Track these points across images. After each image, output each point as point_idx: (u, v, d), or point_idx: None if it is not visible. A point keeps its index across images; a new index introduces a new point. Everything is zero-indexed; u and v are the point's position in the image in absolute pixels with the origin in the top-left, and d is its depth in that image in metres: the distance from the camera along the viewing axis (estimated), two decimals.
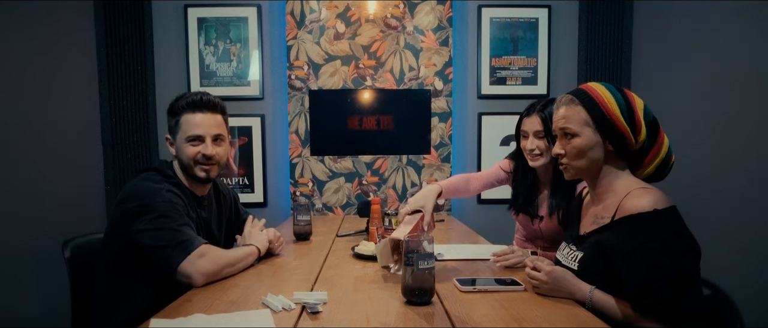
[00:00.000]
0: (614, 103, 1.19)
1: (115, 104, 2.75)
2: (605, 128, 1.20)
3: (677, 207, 1.13)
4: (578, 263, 1.22)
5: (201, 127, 1.50)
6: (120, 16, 2.72)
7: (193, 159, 1.51)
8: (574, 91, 1.25)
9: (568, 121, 1.23)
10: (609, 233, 1.17)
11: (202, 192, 1.60)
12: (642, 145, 1.22)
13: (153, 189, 1.40)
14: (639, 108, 1.21)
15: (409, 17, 2.85)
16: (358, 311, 1.12)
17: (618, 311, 1.12)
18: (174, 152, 1.55)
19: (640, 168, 1.25)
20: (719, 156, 2.32)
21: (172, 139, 1.55)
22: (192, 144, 1.50)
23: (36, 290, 2.40)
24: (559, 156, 1.28)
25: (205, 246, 1.36)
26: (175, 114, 1.52)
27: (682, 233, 1.11)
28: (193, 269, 1.30)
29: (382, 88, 2.88)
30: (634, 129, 1.19)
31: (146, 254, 1.34)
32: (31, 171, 2.40)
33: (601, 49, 2.87)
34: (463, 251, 1.75)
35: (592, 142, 1.21)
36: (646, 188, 1.18)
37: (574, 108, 1.22)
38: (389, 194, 2.89)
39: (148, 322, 1.03)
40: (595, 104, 1.20)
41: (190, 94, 1.53)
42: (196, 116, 1.50)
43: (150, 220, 1.34)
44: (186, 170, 1.53)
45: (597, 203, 1.28)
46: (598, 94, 1.21)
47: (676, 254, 1.07)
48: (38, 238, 2.39)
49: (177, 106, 1.51)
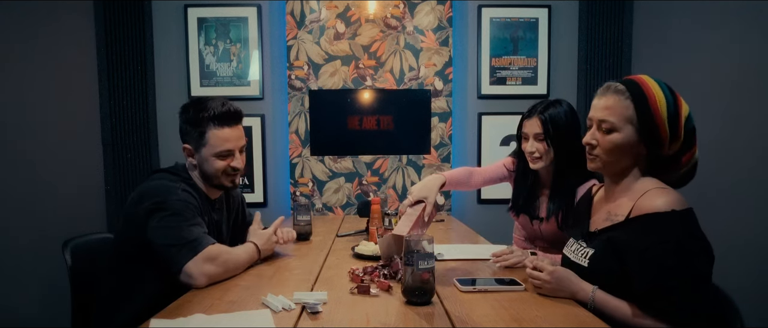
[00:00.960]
0: (664, 106, 1.12)
1: (115, 104, 2.75)
2: (647, 130, 1.14)
3: None
4: (589, 259, 1.20)
5: (230, 142, 1.49)
6: (120, 16, 2.72)
7: (222, 171, 1.50)
8: (626, 81, 1.17)
9: (612, 113, 1.15)
10: (622, 231, 1.15)
11: (216, 195, 1.60)
12: (675, 152, 1.17)
13: (168, 187, 1.40)
14: (684, 115, 1.14)
15: (409, 17, 2.85)
16: (358, 311, 1.12)
17: (621, 311, 1.12)
18: (194, 162, 1.51)
19: (666, 173, 1.20)
20: (719, 156, 2.32)
21: (194, 150, 1.50)
22: (221, 158, 1.49)
23: (36, 290, 2.41)
24: (591, 146, 1.21)
25: (215, 248, 1.36)
26: (198, 125, 1.47)
27: (697, 235, 1.09)
28: (198, 271, 1.30)
29: (382, 88, 2.88)
30: (674, 136, 1.14)
31: (155, 251, 1.34)
32: (30, 171, 2.40)
33: (601, 49, 2.87)
34: (463, 251, 1.75)
35: (631, 141, 1.15)
36: (664, 188, 1.15)
37: (623, 101, 1.14)
38: (389, 194, 2.89)
39: (148, 322, 1.03)
40: (646, 104, 1.12)
41: (211, 103, 1.47)
42: (225, 131, 1.47)
43: (162, 217, 1.34)
44: (209, 179, 1.52)
45: (611, 201, 1.25)
46: (651, 91, 1.13)
47: (689, 255, 1.05)
48: (38, 238, 2.40)
49: (200, 118, 1.46)
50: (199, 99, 1.52)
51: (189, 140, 1.51)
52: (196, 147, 1.49)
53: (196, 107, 1.48)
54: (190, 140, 1.50)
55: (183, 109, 1.52)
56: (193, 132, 1.48)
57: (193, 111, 1.48)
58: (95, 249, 1.65)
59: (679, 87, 2.49)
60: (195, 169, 1.53)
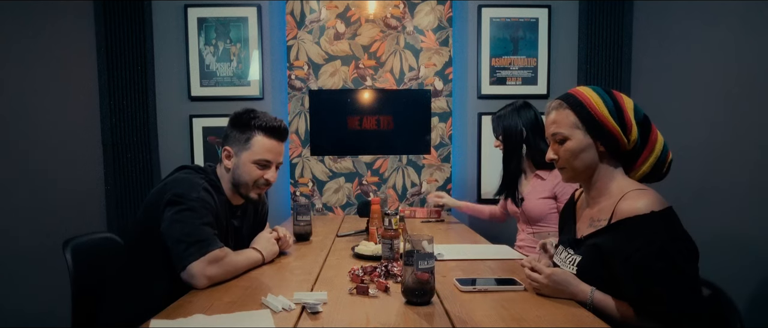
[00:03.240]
0: (602, 104, 1.21)
1: (115, 104, 2.75)
2: (595, 129, 1.21)
3: (674, 207, 1.13)
4: (577, 266, 1.22)
5: (272, 153, 1.54)
6: (120, 16, 2.72)
7: (255, 181, 1.53)
8: (562, 95, 1.28)
9: (558, 126, 1.25)
10: (606, 236, 1.17)
11: (238, 202, 1.61)
12: (634, 145, 1.22)
13: (192, 183, 1.42)
14: (628, 107, 1.22)
15: (409, 17, 2.85)
16: (358, 311, 1.12)
17: (619, 311, 1.12)
18: (230, 165, 1.54)
19: (635, 168, 1.25)
20: (719, 156, 2.32)
21: (233, 153, 1.54)
22: (259, 167, 1.53)
23: (36, 290, 2.41)
24: (554, 161, 1.29)
25: (221, 251, 1.36)
26: (246, 130, 1.52)
27: (680, 235, 1.11)
28: (201, 272, 1.30)
29: (382, 88, 2.88)
30: (625, 128, 1.20)
31: (167, 245, 1.35)
32: (31, 171, 2.40)
33: (601, 49, 2.87)
34: (463, 251, 1.75)
35: (584, 144, 1.23)
36: (642, 190, 1.18)
37: (563, 112, 1.24)
38: (389, 194, 2.90)
39: (148, 322, 1.03)
40: (583, 106, 1.22)
41: (264, 114, 1.55)
42: (271, 142, 1.54)
43: (178, 210, 1.35)
44: (239, 186, 1.54)
45: (592, 206, 1.29)
46: (585, 96, 1.23)
47: (674, 256, 1.07)
48: (38, 238, 2.40)
49: (250, 124, 1.52)
50: (250, 109, 1.57)
51: (232, 143, 1.55)
52: (238, 151, 1.53)
53: (248, 114, 1.55)
54: (233, 143, 1.54)
55: (234, 116, 1.57)
56: (239, 136, 1.53)
57: (246, 117, 1.54)
58: (95, 249, 1.65)
59: (679, 87, 2.50)
60: (228, 173, 1.55)
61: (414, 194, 2.90)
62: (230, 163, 1.54)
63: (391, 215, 1.58)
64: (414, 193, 2.91)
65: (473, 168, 2.96)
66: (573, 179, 1.30)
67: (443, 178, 2.90)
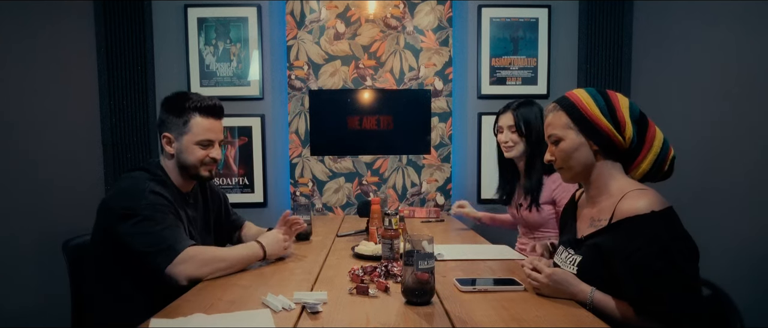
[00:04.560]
0: (593, 103, 1.22)
1: (115, 104, 2.75)
2: (587, 129, 1.23)
3: (674, 207, 1.13)
4: (577, 266, 1.22)
5: (212, 132, 1.56)
6: (120, 16, 2.72)
7: (201, 161, 1.55)
8: (557, 98, 1.30)
9: (553, 127, 1.28)
10: (607, 236, 1.17)
11: (188, 188, 1.63)
12: (631, 143, 1.22)
13: (136, 191, 1.41)
14: (623, 106, 1.22)
15: (409, 17, 2.85)
16: (358, 311, 1.12)
17: (619, 312, 1.12)
18: (172, 151, 1.55)
19: (635, 166, 1.25)
20: (719, 156, 2.32)
21: (173, 138, 1.54)
22: (202, 147, 1.54)
23: (36, 290, 2.41)
24: (552, 162, 1.31)
25: (192, 249, 1.37)
26: (182, 113, 1.52)
27: (680, 234, 1.11)
28: (177, 272, 1.33)
29: (382, 88, 2.88)
30: (619, 127, 1.21)
31: (136, 258, 1.36)
32: (31, 171, 2.40)
33: (601, 49, 2.87)
34: (463, 251, 1.75)
35: (576, 143, 1.24)
36: (642, 189, 1.18)
37: (556, 114, 1.27)
38: (389, 194, 2.90)
39: (148, 322, 1.03)
40: (575, 107, 1.24)
41: (196, 96, 1.55)
42: (209, 121, 1.55)
43: (135, 223, 1.36)
44: (187, 169, 1.55)
45: (592, 206, 1.29)
46: (577, 97, 1.25)
47: (675, 256, 1.07)
48: (38, 238, 2.40)
49: (186, 106, 1.52)
50: (182, 91, 1.59)
51: (170, 129, 1.54)
52: (177, 136, 1.54)
53: (180, 97, 1.55)
54: (171, 129, 1.54)
55: (165, 100, 1.57)
56: (176, 120, 1.53)
57: (178, 101, 1.54)
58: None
59: (679, 86, 2.49)
60: (171, 159, 1.56)
61: (414, 194, 2.90)
62: (172, 148, 1.55)
63: (391, 215, 1.58)
64: (414, 193, 2.91)
65: (473, 168, 2.96)
66: (572, 178, 1.31)
67: (443, 178, 2.90)
